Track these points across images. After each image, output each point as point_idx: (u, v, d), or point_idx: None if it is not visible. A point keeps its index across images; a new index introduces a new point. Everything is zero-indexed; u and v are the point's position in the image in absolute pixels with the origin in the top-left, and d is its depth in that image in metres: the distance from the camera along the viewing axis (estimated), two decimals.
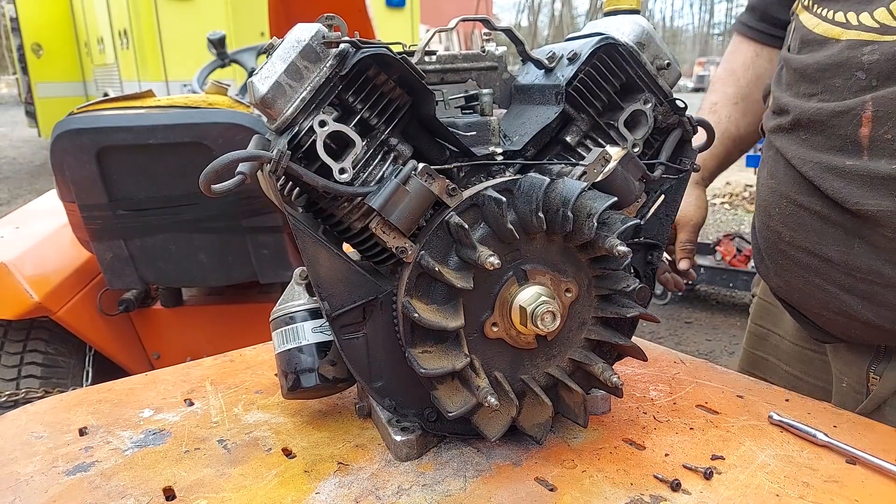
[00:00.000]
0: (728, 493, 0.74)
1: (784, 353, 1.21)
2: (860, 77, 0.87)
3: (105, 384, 1.07)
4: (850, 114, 0.88)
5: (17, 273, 2.02)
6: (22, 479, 0.80)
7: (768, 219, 1.03)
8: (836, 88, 0.90)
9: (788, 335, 1.20)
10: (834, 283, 0.95)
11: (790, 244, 0.99)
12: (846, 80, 0.89)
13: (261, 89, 0.71)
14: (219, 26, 5.04)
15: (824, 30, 0.93)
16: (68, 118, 1.83)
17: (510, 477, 0.79)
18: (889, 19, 0.85)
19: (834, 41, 0.91)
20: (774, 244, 1.03)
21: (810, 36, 0.96)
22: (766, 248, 1.07)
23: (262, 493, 0.76)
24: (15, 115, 16.00)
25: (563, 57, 0.86)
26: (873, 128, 0.86)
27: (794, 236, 0.98)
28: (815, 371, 1.15)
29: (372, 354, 0.82)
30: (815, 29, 0.95)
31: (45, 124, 9.49)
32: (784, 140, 0.98)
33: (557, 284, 0.78)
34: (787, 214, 0.99)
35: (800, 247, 0.98)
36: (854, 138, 0.88)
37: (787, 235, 1.00)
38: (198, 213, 1.93)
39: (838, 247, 0.92)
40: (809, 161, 0.93)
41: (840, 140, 0.89)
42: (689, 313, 4.52)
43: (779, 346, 1.22)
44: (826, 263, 0.95)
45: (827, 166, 0.91)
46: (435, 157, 0.80)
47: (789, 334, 1.20)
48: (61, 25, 9.59)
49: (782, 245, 1.01)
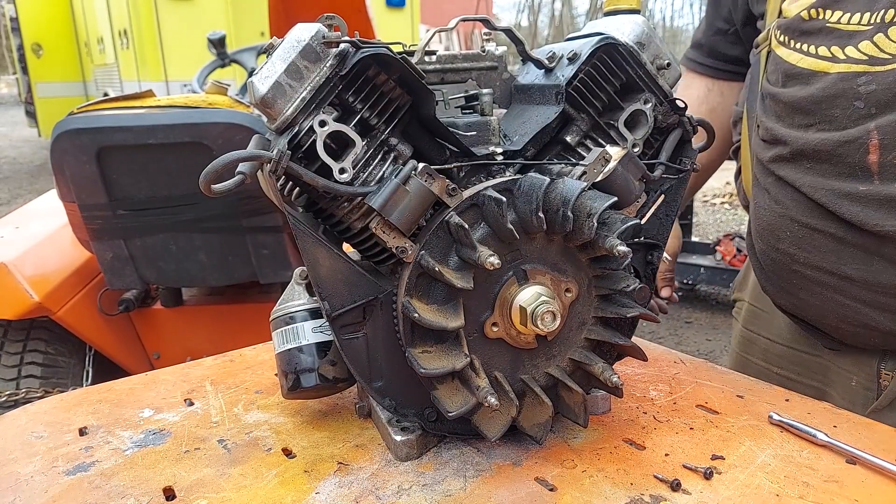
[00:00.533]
0: (728, 493, 0.74)
1: (774, 355, 1.24)
2: (859, 106, 0.91)
3: (105, 384, 1.07)
4: (857, 142, 0.91)
5: (17, 273, 2.02)
6: (22, 479, 0.80)
7: (776, 241, 1.05)
8: (836, 118, 0.94)
9: (780, 339, 1.23)
10: (854, 298, 0.97)
11: (805, 265, 1.01)
12: (844, 109, 0.92)
13: (261, 89, 0.71)
14: (219, 26, 5.04)
15: (810, 64, 0.97)
16: (68, 118, 1.83)
17: (510, 477, 0.79)
18: (876, 51, 0.90)
19: (822, 74, 0.95)
20: (785, 265, 1.05)
21: (795, 70, 0.99)
22: (773, 269, 1.09)
23: (262, 493, 0.76)
24: (15, 115, 16.00)
25: (563, 57, 0.86)
26: (882, 154, 0.89)
27: (809, 257, 1.00)
28: (808, 372, 1.17)
29: (372, 354, 0.82)
30: (799, 63, 0.99)
31: (45, 124, 9.49)
32: (787, 169, 1.01)
33: (557, 284, 0.78)
34: (799, 237, 1.01)
35: (816, 266, 1.00)
36: (863, 165, 0.91)
37: (801, 257, 1.01)
38: (198, 213, 1.93)
39: (857, 265, 0.95)
40: (821, 188, 0.96)
41: (849, 167, 0.93)
42: (689, 313, 4.52)
43: (768, 349, 1.25)
44: (846, 281, 0.97)
45: (840, 192, 0.94)
46: (435, 157, 0.80)
47: (781, 338, 1.22)
48: (61, 25, 9.58)
49: (795, 266, 1.03)
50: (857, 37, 0.92)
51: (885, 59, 0.89)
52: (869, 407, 1.04)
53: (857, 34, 0.92)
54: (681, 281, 4.45)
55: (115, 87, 7.85)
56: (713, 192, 7.69)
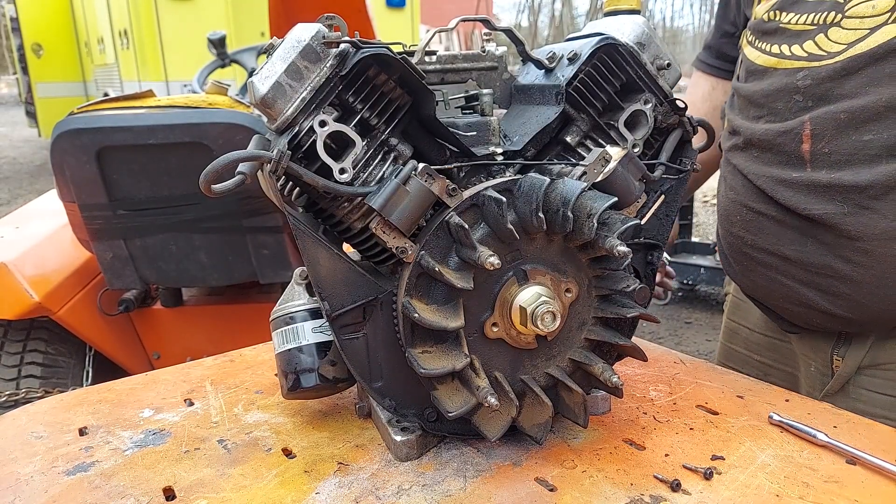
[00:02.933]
0: (728, 494, 0.74)
1: (754, 343, 1.31)
2: (798, 99, 0.99)
3: (105, 384, 1.07)
4: (793, 132, 0.99)
5: (17, 273, 2.02)
6: (22, 479, 0.80)
7: (730, 225, 1.14)
8: (779, 111, 1.02)
9: (757, 327, 1.30)
10: (793, 278, 1.05)
11: (752, 246, 1.10)
12: (786, 102, 1.01)
13: (261, 89, 0.71)
14: (219, 26, 5.04)
15: (764, 61, 1.06)
16: (68, 118, 1.83)
17: (510, 477, 0.79)
18: (816, 49, 0.98)
19: (773, 70, 1.04)
20: (738, 247, 1.14)
21: (753, 67, 1.09)
22: (730, 251, 1.18)
23: (262, 494, 0.76)
24: (15, 115, 15.99)
25: (563, 57, 0.86)
26: (813, 143, 0.97)
27: (755, 239, 1.09)
28: (782, 358, 1.25)
29: (372, 354, 0.82)
30: (756, 60, 1.08)
31: (46, 124, 9.49)
32: (739, 157, 1.10)
33: (557, 284, 0.78)
34: (747, 220, 1.09)
35: (761, 248, 1.08)
36: (798, 153, 0.99)
37: (748, 239, 1.10)
38: (198, 213, 1.93)
39: (794, 246, 1.03)
40: (762, 175, 1.05)
41: (786, 156, 1.01)
42: (689, 313, 4.52)
43: (749, 338, 1.32)
44: (785, 261, 1.05)
45: (777, 179, 1.02)
46: (435, 158, 0.80)
47: (758, 326, 1.30)
48: (61, 25, 9.58)
49: (745, 248, 1.11)
50: (803, 36, 1.00)
51: (822, 55, 0.97)
52: (824, 391, 1.11)
53: (803, 34, 1.00)
54: (681, 281, 4.45)
55: (116, 87, 7.85)
56: (713, 192, 7.67)
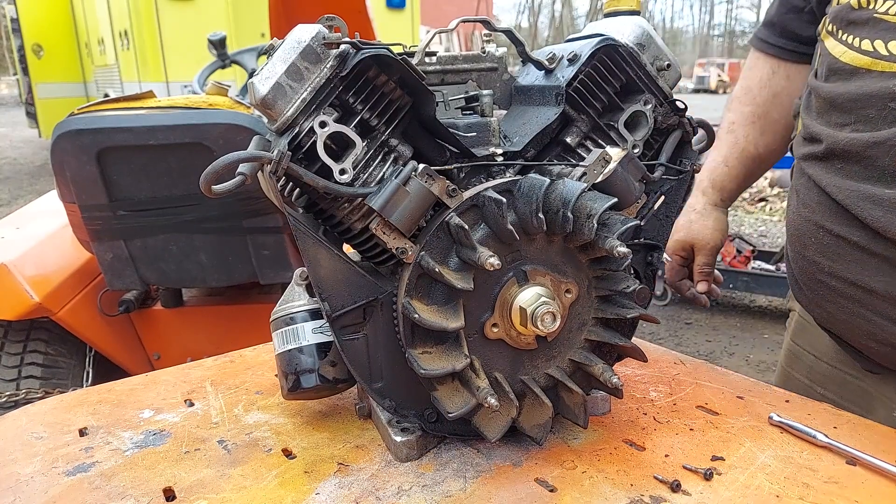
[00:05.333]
0: (728, 494, 0.74)
1: (819, 374, 1.16)
2: (894, 108, 0.86)
3: (105, 385, 1.07)
4: (887, 144, 0.86)
5: (17, 273, 2.02)
6: (22, 480, 0.80)
7: (803, 249, 1.00)
8: (871, 119, 0.89)
9: (826, 357, 1.14)
10: (879, 314, 0.92)
11: (830, 274, 0.96)
12: (880, 110, 0.88)
13: (261, 90, 0.71)
14: (219, 27, 5.03)
15: (851, 58, 0.92)
16: (69, 119, 1.83)
17: (510, 478, 0.79)
18: None
19: (864, 71, 0.90)
20: (811, 274, 1.00)
21: (837, 64, 0.94)
22: (802, 278, 1.04)
23: (262, 494, 0.76)
24: (15, 115, 16.01)
25: (563, 58, 0.86)
26: None
27: (834, 267, 0.95)
28: (852, 396, 1.09)
29: (372, 355, 0.82)
30: (841, 57, 0.94)
31: (46, 125, 9.49)
32: (817, 168, 0.96)
33: (557, 285, 0.78)
34: (824, 245, 0.96)
35: (840, 277, 0.95)
36: (892, 169, 0.86)
37: (825, 266, 0.96)
38: (198, 214, 1.93)
39: (882, 277, 0.89)
40: (846, 189, 0.91)
41: (878, 170, 0.88)
42: (689, 314, 4.52)
43: (814, 367, 1.17)
44: (869, 294, 0.92)
45: (865, 195, 0.89)
46: (435, 158, 0.80)
47: (827, 356, 1.14)
48: (62, 26, 9.59)
49: (820, 275, 0.98)
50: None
51: None
52: None
53: None
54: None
55: (116, 87, 7.86)
56: None
